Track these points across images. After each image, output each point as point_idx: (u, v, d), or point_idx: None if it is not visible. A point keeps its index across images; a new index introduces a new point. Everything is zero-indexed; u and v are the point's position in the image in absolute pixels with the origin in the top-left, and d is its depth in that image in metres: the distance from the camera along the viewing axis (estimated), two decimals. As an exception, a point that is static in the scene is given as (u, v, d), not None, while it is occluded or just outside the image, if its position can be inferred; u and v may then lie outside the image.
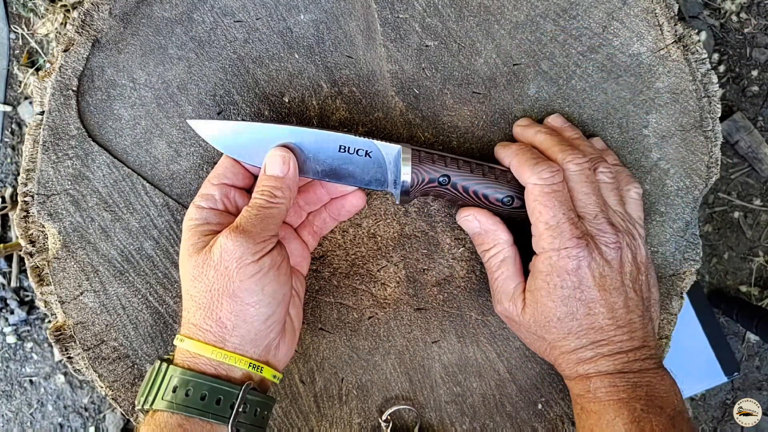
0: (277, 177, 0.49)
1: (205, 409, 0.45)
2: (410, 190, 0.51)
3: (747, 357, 1.40)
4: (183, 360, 0.47)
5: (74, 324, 0.57)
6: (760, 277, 1.39)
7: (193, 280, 0.46)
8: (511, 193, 0.52)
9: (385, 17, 0.57)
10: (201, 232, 0.48)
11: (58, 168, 0.56)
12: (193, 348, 0.46)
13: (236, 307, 0.45)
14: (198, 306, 0.46)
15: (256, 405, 0.47)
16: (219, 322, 0.46)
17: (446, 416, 0.59)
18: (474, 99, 0.57)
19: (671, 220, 0.58)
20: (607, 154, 0.56)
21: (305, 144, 0.50)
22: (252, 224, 0.46)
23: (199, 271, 0.46)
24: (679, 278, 0.59)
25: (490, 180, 0.52)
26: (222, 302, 0.45)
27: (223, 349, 0.46)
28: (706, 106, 0.58)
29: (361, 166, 0.51)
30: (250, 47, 0.57)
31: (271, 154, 0.49)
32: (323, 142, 0.51)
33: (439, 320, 0.59)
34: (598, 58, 0.57)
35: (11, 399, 1.36)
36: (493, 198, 0.52)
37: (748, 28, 1.33)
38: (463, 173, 0.52)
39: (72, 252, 0.57)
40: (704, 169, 0.58)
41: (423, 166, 0.51)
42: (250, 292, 0.45)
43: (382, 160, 0.51)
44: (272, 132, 0.50)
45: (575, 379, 0.50)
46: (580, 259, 0.47)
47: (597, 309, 0.48)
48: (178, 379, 0.45)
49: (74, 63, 0.56)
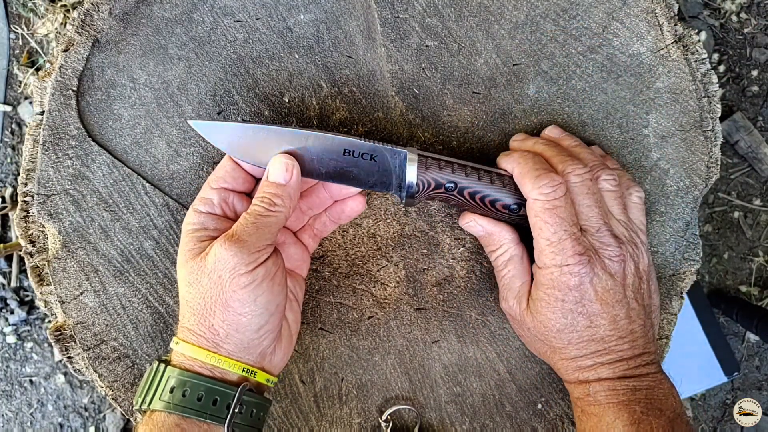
0: (278, 184, 0.48)
1: (201, 410, 0.45)
2: (415, 195, 0.51)
3: (747, 357, 1.40)
4: (180, 362, 0.47)
5: (74, 324, 0.57)
6: (760, 277, 1.39)
7: (188, 286, 0.47)
8: (519, 201, 0.51)
9: (385, 17, 0.57)
10: (198, 238, 0.48)
11: (58, 168, 0.56)
12: (188, 352, 0.46)
13: (228, 316, 0.45)
14: (192, 311, 0.46)
15: (252, 406, 0.47)
16: (212, 329, 0.46)
17: (446, 416, 0.59)
18: (474, 99, 0.57)
19: (671, 220, 0.58)
20: (607, 159, 0.55)
21: (309, 146, 0.50)
22: (248, 233, 0.46)
23: (194, 277, 0.46)
24: (679, 278, 0.59)
25: (498, 187, 0.51)
26: (215, 310, 0.45)
27: (217, 354, 0.46)
28: (706, 106, 0.58)
29: (366, 169, 0.51)
30: (250, 47, 0.57)
31: (275, 160, 0.49)
32: (328, 144, 0.50)
33: (439, 320, 0.59)
34: (598, 58, 0.57)
35: (11, 399, 1.36)
36: (500, 205, 0.52)
37: (748, 28, 1.33)
38: (471, 180, 0.51)
39: (72, 252, 0.57)
40: (704, 169, 0.58)
41: (429, 172, 0.51)
42: (243, 302, 0.45)
43: (387, 164, 0.51)
44: (276, 133, 0.50)
45: (575, 383, 0.50)
46: (582, 275, 0.47)
47: (598, 322, 0.48)
48: (175, 379, 0.46)
49: (74, 63, 0.56)
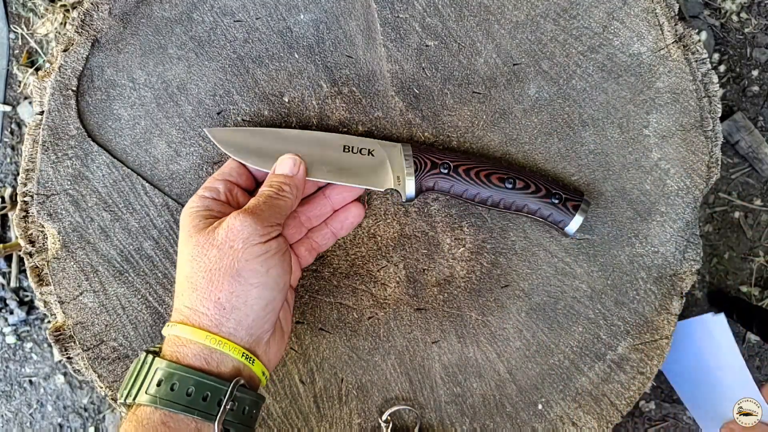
0: (286, 175, 0.50)
1: (190, 405, 0.42)
2: (414, 181, 0.53)
3: (747, 357, 1.39)
4: (171, 352, 0.44)
5: (74, 324, 0.57)
6: (760, 277, 1.38)
7: (192, 260, 0.45)
8: (512, 176, 0.53)
9: (385, 17, 0.56)
10: (203, 216, 0.47)
11: (57, 168, 0.56)
12: (184, 333, 0.44)
13: (238, 287, 0.44)
14: (194, 287, 0.45)
15: (245, 403, 0.44)
16: (217, 303, 0.44)
17: (446, 416, 0.59)
18: (474, 99, 0.57)
19: (671, 220, 0.58)
20: None
21: (312, 145, 0.53)
22: (260, 209, 0.46)
23: (199, 250, 0.45)
24: (679, 278, 0.59)
25: (488, 164, 0.54)
26: (223, 282, 0.44)
27: (218, 335, 0.44)
28: (707, 105, 0.58)
29: (365, 164, 0.53)
30: (250, 47, 0.57)
31: (283, 157, 0.51)
32: (328, 142, 0.53)
33: (439, 320, 0.59)
34: (599, 57, 0.57)
35: (11, 399, 1.36)
36: (495, 178, 0.53)
37: (748, 27, 1.33)
38: (462, 159, 0.54)
39: (71, 252, 0.57)
40: (704, 169, 0.58)
41: (423, 153, 0.54)
42: (255, 272, 0.44)
43: (384, 157, 0.53)
44: (280, 135, 0.53)
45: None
46: None
47: None
48: (163, 371, 0.43)
49: (74, 63, 0.56)
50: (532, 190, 0.54)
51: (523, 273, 0.58)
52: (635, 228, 0.58)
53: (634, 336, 0.59)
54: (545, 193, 0.54)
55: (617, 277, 0.58)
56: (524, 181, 0.54)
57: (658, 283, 0.59)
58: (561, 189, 0.54)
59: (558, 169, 0.58)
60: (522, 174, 0.54)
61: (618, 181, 0.58)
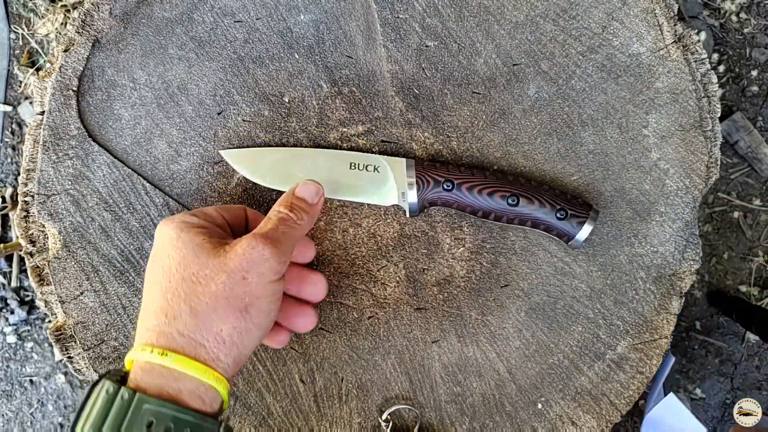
0: (306, 201, 0.48)
1: None
2: (417, 197, 0.54)
3: (747, 357, 1.40)
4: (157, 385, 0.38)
5: (74, 324, 0.57)
6: (759, 277, 1.39)
7: (196, 282, 0.40)
8: (516, 192, 0.53)
9: (385, 17, 0.57)
10: (207, 233, 0.43)
11: (58, 168, 0.56)
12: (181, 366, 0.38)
13: (242, 324, 0.40)
14: (194, 312, 0.39)
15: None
16: (218, 336, 0.40)
17: (446, 416, 0.59)
18: (474, 99, 0.57)
19: (671, 220, 0.59)
20: None
21: (320, 162, 0.55)
22: (278, 239, 0.42)
23: (206, 273, 0.40)
24: (678, 278, 0.59)
25: (491, 180, 0.54)
26: (228, 315, 0.40)
27: (215, 371, 0.39)
28: (706, 106, 0.58)
29: (370, 181, 0.55)
30: (250, 47, 0.57)
31: (306, 181, 0.50)
32: (336, 160, 0.55)
33: (439, 320, 0.59)
34: (598, 58, 0.57)
35: (11, 399, 1.36)
36: (498, 196, 0.53)
37: (747, 28, 1.33)
38: (465, 176, 0.54)
39: (72, 252, 0.57)
40: (704, 169, 0.58)
41: (427, 172, 0.54)
42: (261, 311, 0.41)
43: (388, 172, 0.55)
44: (291, 153, 0.55)
45: None
46: None
47: None
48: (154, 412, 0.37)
49: (74, 63, 0.56)
50: (537, 206, 0.54)
51: (522, 273, 0.58)
52: (634, 228, 0.58)
53: (634, 335, 0.59)
54: (550, 209, 0.54)
55: (616, 276, 0.59)
56: (528, 198, 0.53)
57: (657, 282, 0.59)
58: (567, 203, 0.54)
59: (557, 169, 0.58)
60: (526, 189, 0.54)
61: (617, 181, 0.58)
